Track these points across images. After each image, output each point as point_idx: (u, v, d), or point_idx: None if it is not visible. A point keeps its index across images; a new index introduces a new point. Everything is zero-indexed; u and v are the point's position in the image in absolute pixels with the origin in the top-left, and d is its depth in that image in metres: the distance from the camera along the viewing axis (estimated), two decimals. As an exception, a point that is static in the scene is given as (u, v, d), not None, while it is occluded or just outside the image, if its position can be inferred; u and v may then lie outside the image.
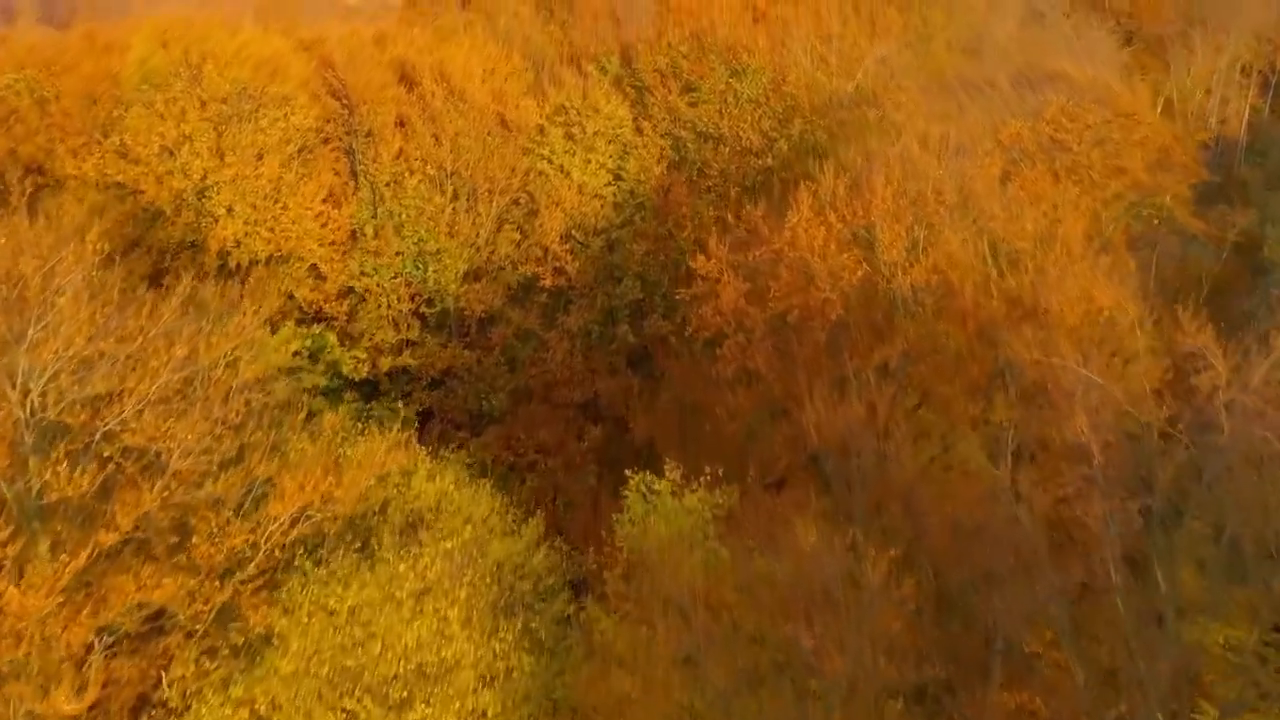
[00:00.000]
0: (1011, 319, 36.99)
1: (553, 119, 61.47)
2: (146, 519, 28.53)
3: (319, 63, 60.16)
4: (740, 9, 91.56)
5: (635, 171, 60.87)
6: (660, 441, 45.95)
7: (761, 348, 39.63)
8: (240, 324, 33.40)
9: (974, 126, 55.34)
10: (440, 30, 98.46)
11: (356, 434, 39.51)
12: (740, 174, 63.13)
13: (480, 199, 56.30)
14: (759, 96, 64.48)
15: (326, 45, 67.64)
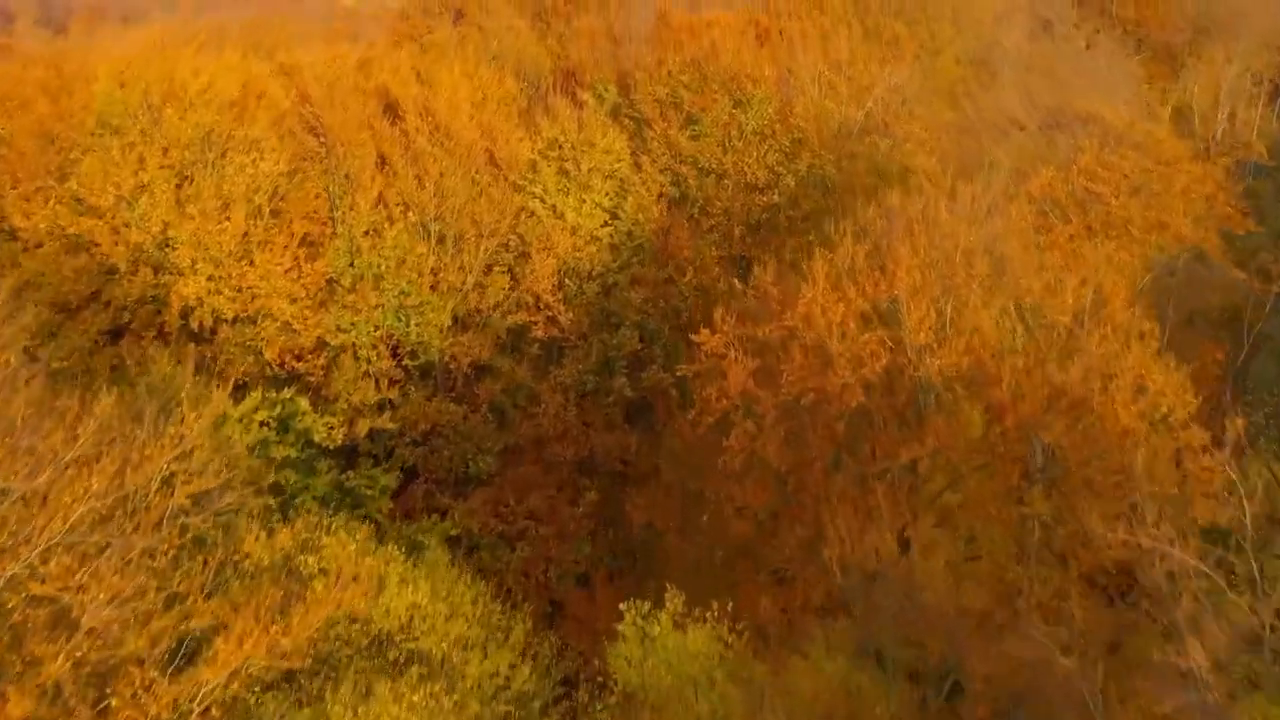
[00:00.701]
0: (1056, 410, 32.15)
1: (546, 154, 56.49)
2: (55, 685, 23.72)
3: (296, 96, 55.06)
4: (743, 25, 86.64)
5: (633, 211, 55.91)
6: (660, 525, 41.10)
7: (773, 436, 34.74)
8: (177, 433, 28.42)
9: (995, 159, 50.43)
10: (431, 46, 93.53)
11: (322, 533, 34.60)
12: (745, 211, 58.21)
13: (467, 245, 51.34)
14: (764, 128, 59.43)
15: (307, 73, 62.60)
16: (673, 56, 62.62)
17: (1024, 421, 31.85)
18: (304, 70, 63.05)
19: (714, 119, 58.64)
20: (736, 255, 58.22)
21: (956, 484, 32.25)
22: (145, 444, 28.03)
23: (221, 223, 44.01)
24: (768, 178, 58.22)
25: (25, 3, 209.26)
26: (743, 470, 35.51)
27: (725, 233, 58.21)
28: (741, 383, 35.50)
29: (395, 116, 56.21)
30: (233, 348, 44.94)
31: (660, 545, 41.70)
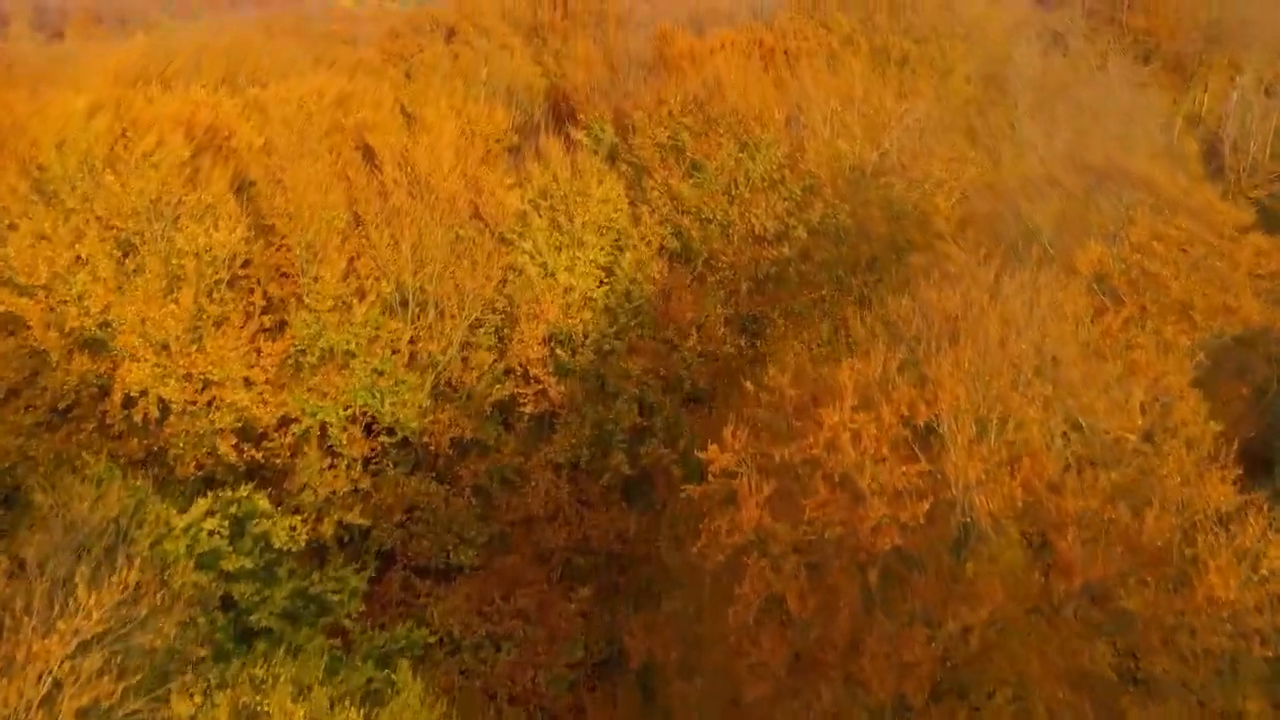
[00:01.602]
0: (1137, 566, 26.29)
1: (537, 203, 50.54)
2: None
3: (262, 147, 48.96)
4: (747, 45, 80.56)
5: (630, 268, 49.95)
6: (660, 658, 35.26)
7: (792, 582, 28.85)
8: (71, 628, 22.58)
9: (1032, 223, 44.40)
10: (419, 68, 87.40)
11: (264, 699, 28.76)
12: (752, 265, 52.26)
13: (448, 312, 45.44)
14: (773, 173, 53.43)
15: (279, 111, 56.57)
16: (674, 92, 56.42)
17: (1094, 582, 25.98)
18: (277, 106, 57.09)
19: (719, 165, 52.62)
20: (743, 313, 52.29)
21: (1010, 654, 26.37)
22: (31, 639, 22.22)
23: (169, 304, 37.94)
24: (777, 228, 52.27)
25: (20, 5, 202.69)
26: (757, 618, 29.64)
27: (731, 289, 52.26)
28: (756, 518, 29.59)
29: (373, 165, 50.16)
30: (182, 441, 39.03)
31: (661, 672, 35.91)
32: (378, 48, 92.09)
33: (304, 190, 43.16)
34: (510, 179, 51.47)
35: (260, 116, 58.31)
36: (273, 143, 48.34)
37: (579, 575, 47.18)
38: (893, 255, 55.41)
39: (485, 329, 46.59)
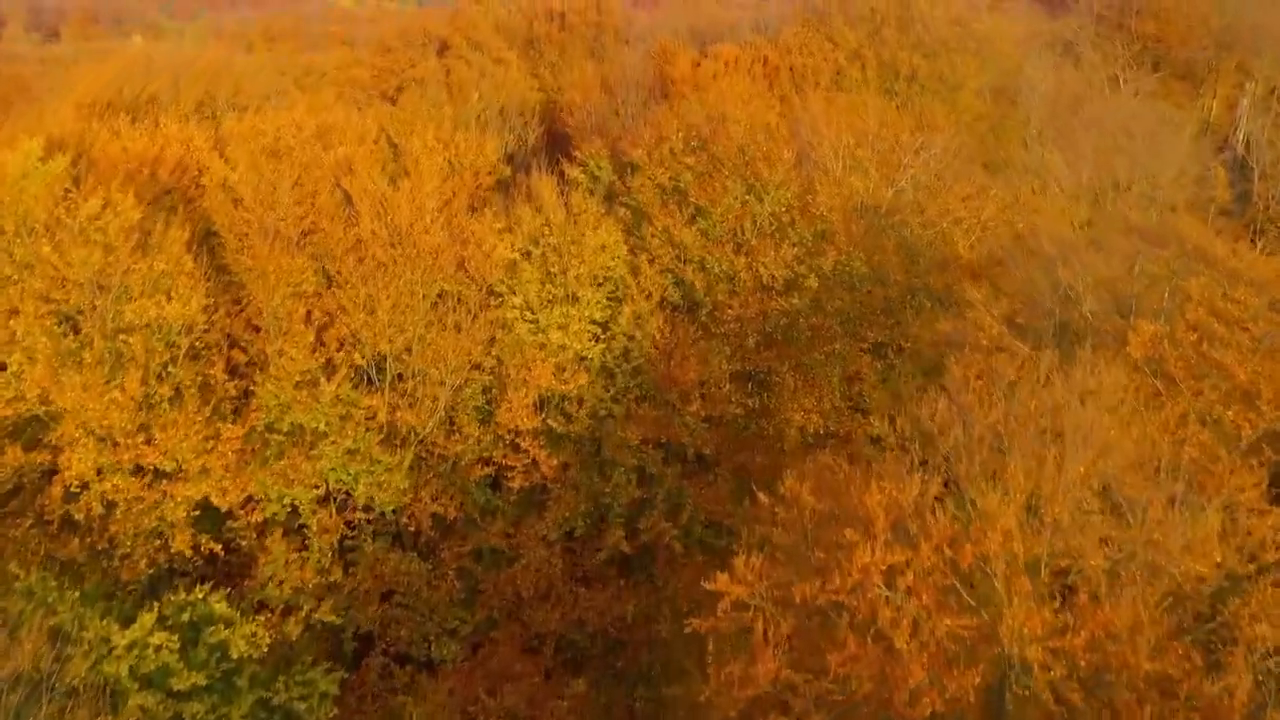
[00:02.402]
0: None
1: (528, 250, 45.77)
2: None
3: (228, 195, 44.14)
4: (750, 63, 75.73)
5: (629, 323, 45.24)
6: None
7: (818, 749, 24.19)
8: None
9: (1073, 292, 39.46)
10: (407, 87, 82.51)
11: None
12: (760, 317, 47.45)
13: (429, 380, 40.71)
14: (782, 215, 48.64)
15: (255, 145, 51.79)
16: (675, 126, 51.56)
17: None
18: (252, 140, 52.28)
19: (725, 209, 47.79)
20: (750, 369, 47.57)
21: None
22: None
23: (112, 391, 33.19)
24: (787, 277, 47.45)
25: (16, 6, 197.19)
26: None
27: (738, 343, 47.47)
28: (773, 671, 24.91)
29: (351, 212, 45.38)
30: (130, 539, 34.34)
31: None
32: (368, 64, 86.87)
33: (270, 252, 38.27)
34: (500, 223, 46.63)
35: (235, 149, 53.66)
36: (241, 189, 43.41)
37: (573, 660, 42.67)
38: (909, 301, 50.85)
39: (471, 395, 41.86)
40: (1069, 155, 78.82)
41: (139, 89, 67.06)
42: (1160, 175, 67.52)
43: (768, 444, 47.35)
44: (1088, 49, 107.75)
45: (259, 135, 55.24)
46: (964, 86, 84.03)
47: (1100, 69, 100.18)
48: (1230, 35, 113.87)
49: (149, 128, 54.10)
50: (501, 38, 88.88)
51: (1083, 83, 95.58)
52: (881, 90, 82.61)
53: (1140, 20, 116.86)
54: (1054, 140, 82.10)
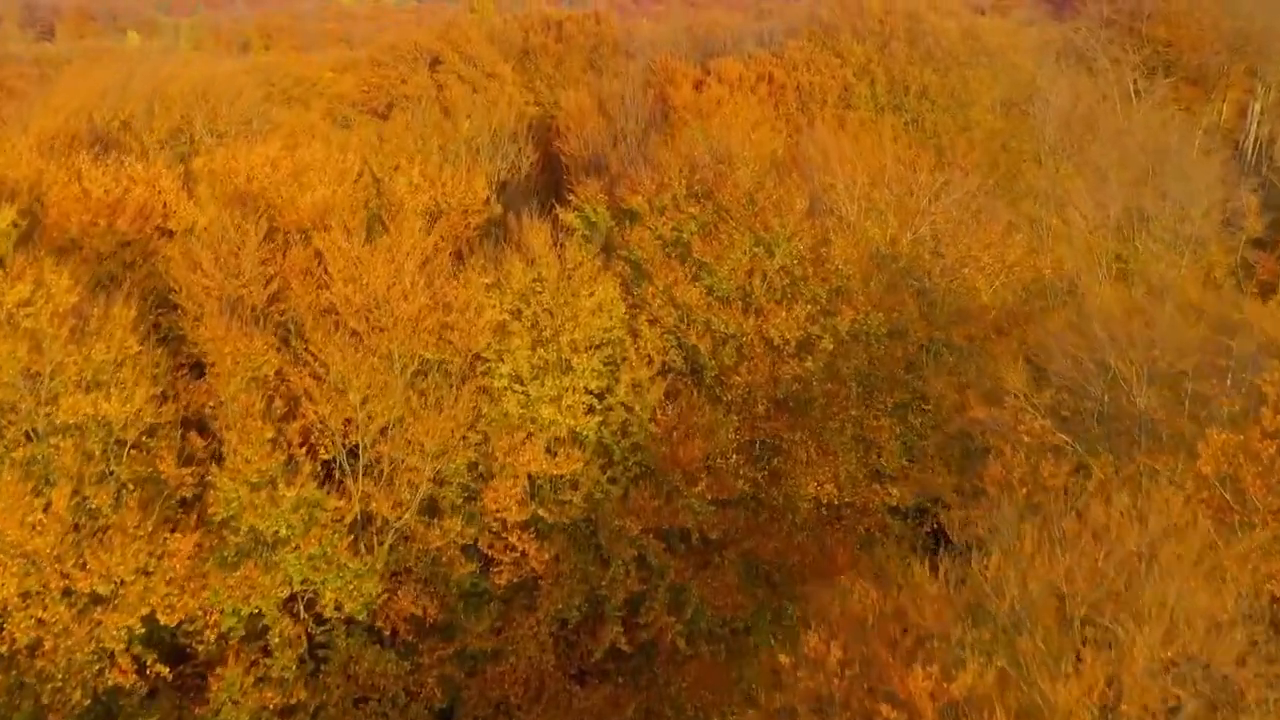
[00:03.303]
0: None
1: (517, 309, 40.96)
2: None
3: (185, 259, 39.25)
4: (754, 81, 70.71)
5: (628, 394, 40.47)
6: None
7: None
8: None
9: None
10: (400, 101, 77.48)
11: None
12: (770, 382, 42.66)
13: (405, 469, 35.95)
14: (794, 268, 43.84)
15: (227, 185, 46.97)
16: (676, 166, 46.67)
17: None
18: (223, 182, 47.40)
19: (732, 265, 42.94)
20: (760, 439, 42.85)
21: None
22: None
23: (36, 511, 28.42)
24: (800, 338, 42.64)
25: (9, 4, 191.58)
26: None
27: (746, 410, 42.72)
28: None
29: (322, 272, 40.51)
30: (63, 671, 29.62)
31: None
32: (357, 77, 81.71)
33: (228, 331, 33.44)
34: (488, 276, 41.76)
35: (206, 188, 48.88)
36: (202, 254, 38.51)
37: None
38: (929, 355, 46.17)
39: (453, 476, 37.10)
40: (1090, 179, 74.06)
41: (110, 116, 61.98)
42: (1189, 203, 62.61)
43: (778, 521, 42.71)
44: (1101, 57, 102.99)
45: (231, 174, 50.44)
46: (976, 103, 79.01)
47: (1115, 79, 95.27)
48: (1241, 39, 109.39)
49: (113, 166, 49.11)
50: (495, 50, 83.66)
51: (1097, 95, 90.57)
52: (891, 106, 77.78)
53: (1151, 24, 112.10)
54: (1070, 157, 77.48)
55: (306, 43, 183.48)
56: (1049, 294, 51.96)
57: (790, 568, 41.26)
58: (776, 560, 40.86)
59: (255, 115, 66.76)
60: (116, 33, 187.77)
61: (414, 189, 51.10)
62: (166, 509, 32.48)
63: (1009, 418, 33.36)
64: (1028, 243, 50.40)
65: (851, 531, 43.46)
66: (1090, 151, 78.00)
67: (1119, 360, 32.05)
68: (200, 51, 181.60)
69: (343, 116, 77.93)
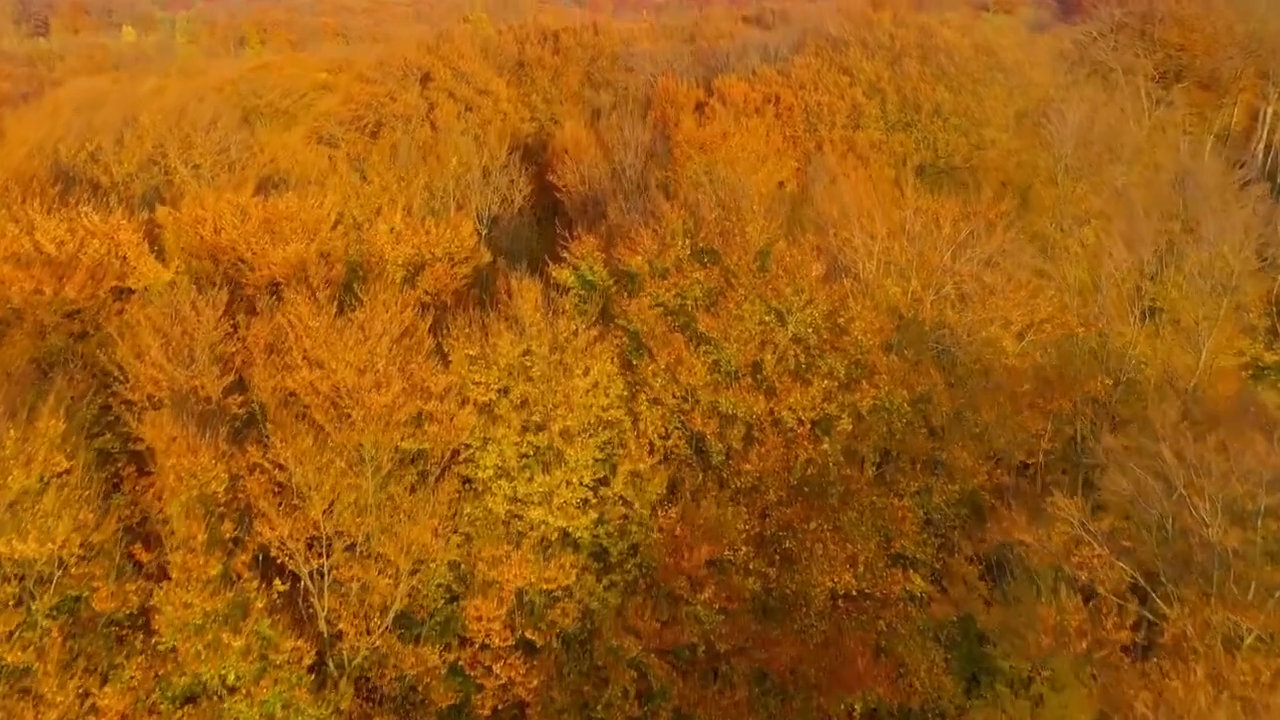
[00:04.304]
0: None
1: (505, 386, 36.22)
2: None
3: (132, 345, 34.40)
4: (760, 102, 65.64)
5: (625, 485, 35.78)
6: None
7: None
8: None
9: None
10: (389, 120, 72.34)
11: None
12: (783, 468, 37.90)
13: (375, 590, 31.25)
14: (809, 338, 39.01)
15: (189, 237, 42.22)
16: (678, 222, 41.73)
17: None
18: (189, 232, 42.57)
19: (741, 336, 38.09)
20: (771, 531, 38.14)
21: None
22: None
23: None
24: (816, 418, 37.87)
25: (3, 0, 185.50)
26: None
27: (756, 500, 37.97)
28: None
29: (288, 354, 35.68)
30: None
31: None
32: (344, 95, 76.51)
33: (173, 444, 28.64)
34: (472, 347, 37.00)
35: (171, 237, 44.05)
36: (150, 340, 33.66)
37: None
38: (955, 429, 41.42)
39: (429, 599, 32.43)
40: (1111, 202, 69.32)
41: (78, 148, 56.92)
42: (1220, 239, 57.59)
43: (792, 615, 38.02)
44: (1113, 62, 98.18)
45: (197, 224, 45.54)
46: (990, 122, 73.91)
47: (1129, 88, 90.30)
48: (1255, 42, 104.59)
49: (68, 217, 44.20)
50: (489, 64, 78.44)
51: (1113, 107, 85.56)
52: (902, 125, 72.77)
53: (1163, 28, 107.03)
54: (1087, 176, 72.69)
55: (302, 37, 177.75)
56: (1080, 352, 47.34)
57: (805, 675, 36.64)
58: (792, 674, 36.22)
59: (233, 142, 61.65)
60: (112, 28, 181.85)
61: (395, 238, 46.19)
62: (104, 637, 27.81)
63: (1059, 543, 28.62)
64: (1057, 298, 45.51)
65: (870, 627, 38.81)
66: (1108, 171, 73.37)
67: (1189, 488, 27.32)
68: (195, 45, 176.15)
69: (329, 135, 72.72)
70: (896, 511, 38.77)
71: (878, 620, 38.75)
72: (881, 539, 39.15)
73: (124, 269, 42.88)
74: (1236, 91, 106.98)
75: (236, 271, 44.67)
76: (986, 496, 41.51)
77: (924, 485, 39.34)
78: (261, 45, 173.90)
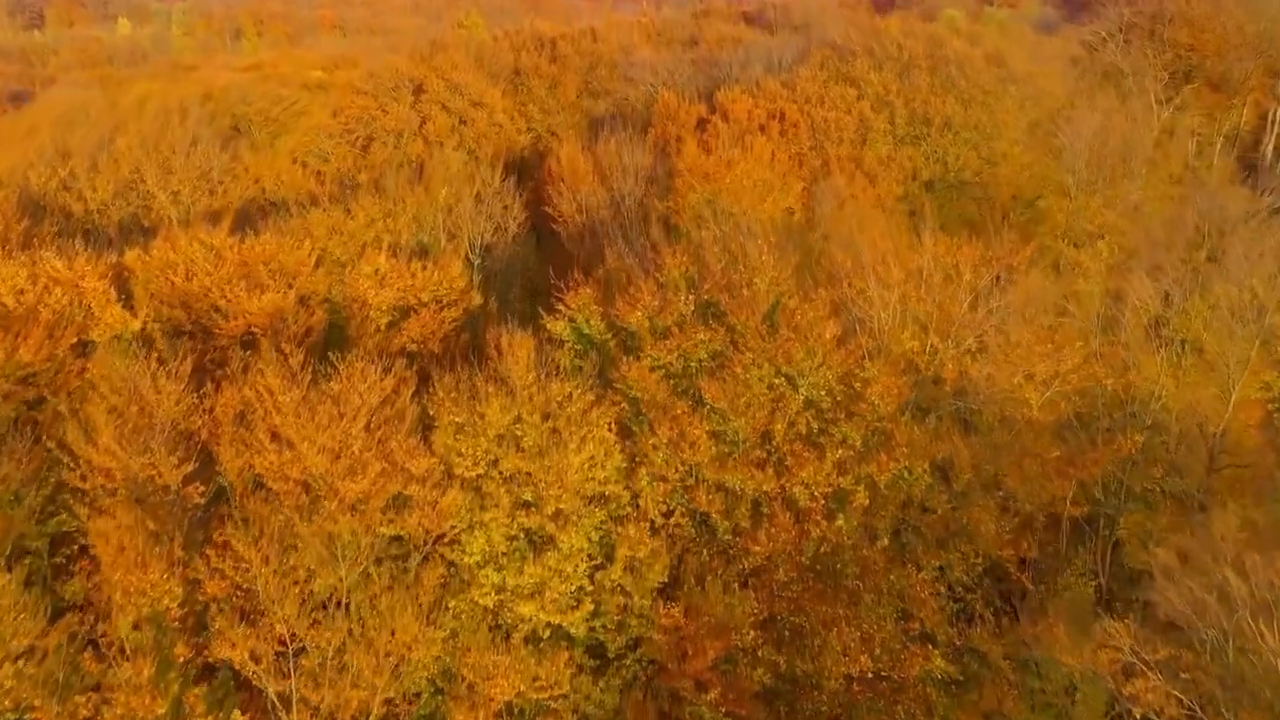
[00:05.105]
0: None
1: (492, 455, 32.82)
2: None
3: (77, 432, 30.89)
4: (765, 119, 61.97)
5: (623, 573, 32.42)
6: None
7: None
8: None
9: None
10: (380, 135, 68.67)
11: None
12: (796, 551, 34.53)
13: (348, 708, 27.88)
14: (822, 401, 35.58)
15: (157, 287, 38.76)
16: (679, 268, 38.25)
17: None
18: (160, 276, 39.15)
19: (749, 405, 34.63)
20: (781, 614, 34.79)
21: None
22: None
23: None
24: (830, 494, 34.48)
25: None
26: None
27: (765, 577, 34.64)
28: None
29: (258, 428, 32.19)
30: None
31: None
32: (333, 108, 72.70)
33: (120, 556, 25.23)
34: (459, 413, 33.56)
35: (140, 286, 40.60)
36: (103, 424, 30.17)
37: None
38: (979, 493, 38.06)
39: (409, 712, 29.10)
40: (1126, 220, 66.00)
41: (49, 176, 53.23)
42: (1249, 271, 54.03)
43: (801, 703, 34.78)
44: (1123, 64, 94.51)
45: (169, 269, 42.00)
46: (1002, 135, 70.25)
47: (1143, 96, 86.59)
48: (1265, 42, 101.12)
49: (31, 261, 40.67)
50: (484, 73, 74.57)
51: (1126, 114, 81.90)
52: (911, 139, 69.09)
53: (1173, 28, 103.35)
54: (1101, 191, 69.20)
55: (299, 30, 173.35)
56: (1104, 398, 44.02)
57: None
58: (802, 771, 33.03)
59: (215, 164, 57.92)
60: (107, 20, 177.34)
61: (379, 281, 42.67)
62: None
63: (1105, 664, 25.26)
64: (1084, 348, 42.01)
65: (888, 713, 35.54)
66: (1123, 186, 69.97)
67: (1251, 606, 23.97)
68: (190, 38, 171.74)
69: (319, 150, 69.05)
70: (916, 590, 35.46)
71: (895, 706, 35.49)
72: (899, 615, 35.89)
73: (87, 321, 39.36)
74: (1246, 92, 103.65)
75: (209, 320, 41.19)
76: (1006, 559, 38.38)
77: (945, 561, 36.02)
78: (258, 38, 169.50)
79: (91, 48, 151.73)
